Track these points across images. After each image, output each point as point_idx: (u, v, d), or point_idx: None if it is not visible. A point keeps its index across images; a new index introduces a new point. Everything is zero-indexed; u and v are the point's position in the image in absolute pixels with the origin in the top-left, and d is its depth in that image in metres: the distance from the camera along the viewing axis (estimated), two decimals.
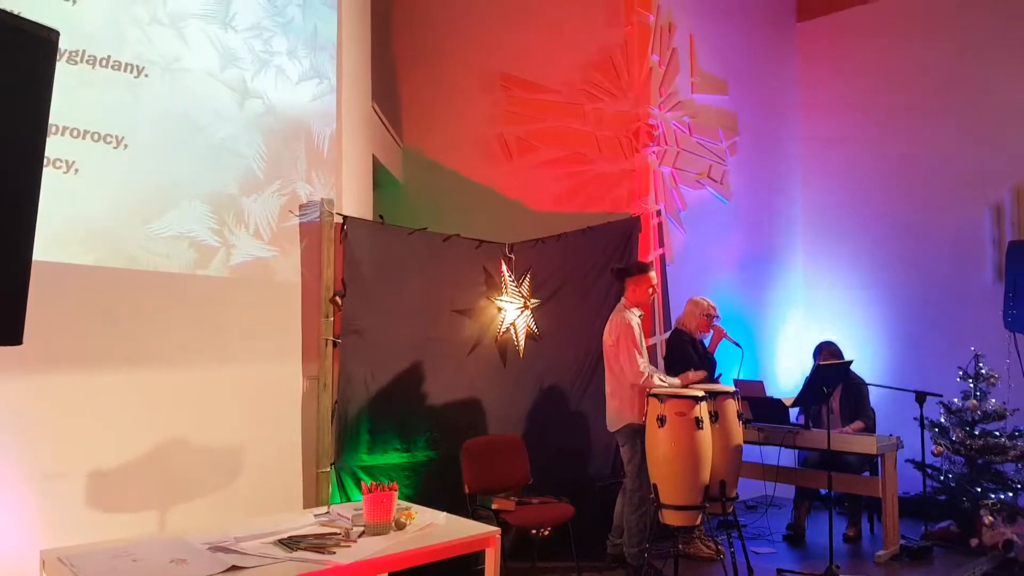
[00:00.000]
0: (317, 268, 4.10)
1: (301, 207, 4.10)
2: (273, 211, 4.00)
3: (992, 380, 5.34)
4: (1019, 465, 5.24)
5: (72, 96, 3.37)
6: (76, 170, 3.41)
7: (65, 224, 3.35)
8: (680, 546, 4.59)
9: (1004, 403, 5.31)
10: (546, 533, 4.67)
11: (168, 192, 3.68)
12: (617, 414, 4.45)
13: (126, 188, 3.54)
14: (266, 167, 4.00)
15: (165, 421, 3.57)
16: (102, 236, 3.45)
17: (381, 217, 4.57)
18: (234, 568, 2.29)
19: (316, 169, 4.20)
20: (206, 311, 3.75)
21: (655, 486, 4.14)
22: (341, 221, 4.15)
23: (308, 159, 4.18)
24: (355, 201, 4.51)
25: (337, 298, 4.13)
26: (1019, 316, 5.47)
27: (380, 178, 5.22)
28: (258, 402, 3.88)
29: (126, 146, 3.56)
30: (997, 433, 5.24)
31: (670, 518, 4.12)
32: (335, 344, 4.14)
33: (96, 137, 3.48)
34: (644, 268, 4.58)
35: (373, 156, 5.01)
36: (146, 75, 3.63)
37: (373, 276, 4.34)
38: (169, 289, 3.64)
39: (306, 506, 3.90)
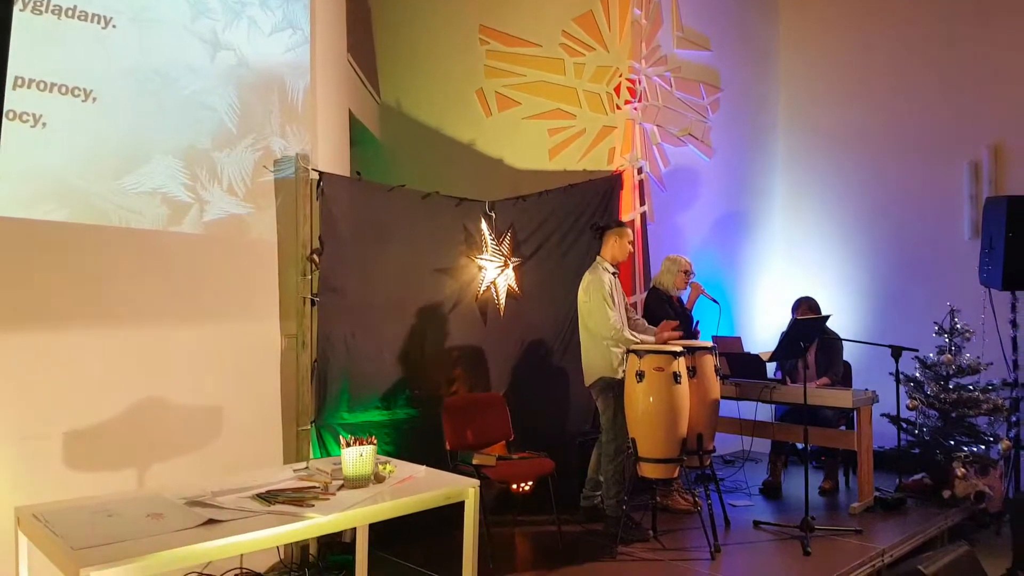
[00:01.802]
0: (293, 225, 4.04)
1: (276, 162, 4.03)
2: (247, 166, 3.93)
3: (967, 335, 5.40)
4: (991, 418, 5.34)
5: (38, 48, 3.28)
6: (44, 124, 3.33)
7: (34, 179, 3.28)
8: (658, 499, 4.68)
9: (978, 357, 5.38)
10: (527, 488, 4.72)
11: (139, 147, 3.60)
12: (590, 368, 4.49)
13: (96, 142, 3.46)
14: (239, 121, 3.92)
15: (140, 380, 3.54)
16: (72, 192, 3.38)
17: (358, 173, 4.51)
18: (211, 522, 2.29)
19: (290, 123, 4.12)
20: (180, 268, 3.70)
21: (633, 440, 4.19)
22: (317, 177, 4.09)
23: (282, 113, 4.10)
24: (332, 157, 4.43)
25: (314, 256, 4.09)
26: (994, 272, 5.51)
27: (357, 134, 5.14)
28: (235, 361, 3.85)
29: (95, 99, 3.48)
30: (971, 387, 5.32)
31: (648, 471, 4.18)
32: (313, 302, 4.10)
33: (64, 90, 3.39)
34: (621, 224, 4.63)
35: (350, 111, 4.92)
36: (114, 26, 3.52)
37: (351, 234, 4.29)
38: (142, 246, 3.58)
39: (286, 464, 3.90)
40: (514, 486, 4.70)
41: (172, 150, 3.69)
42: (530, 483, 4.66)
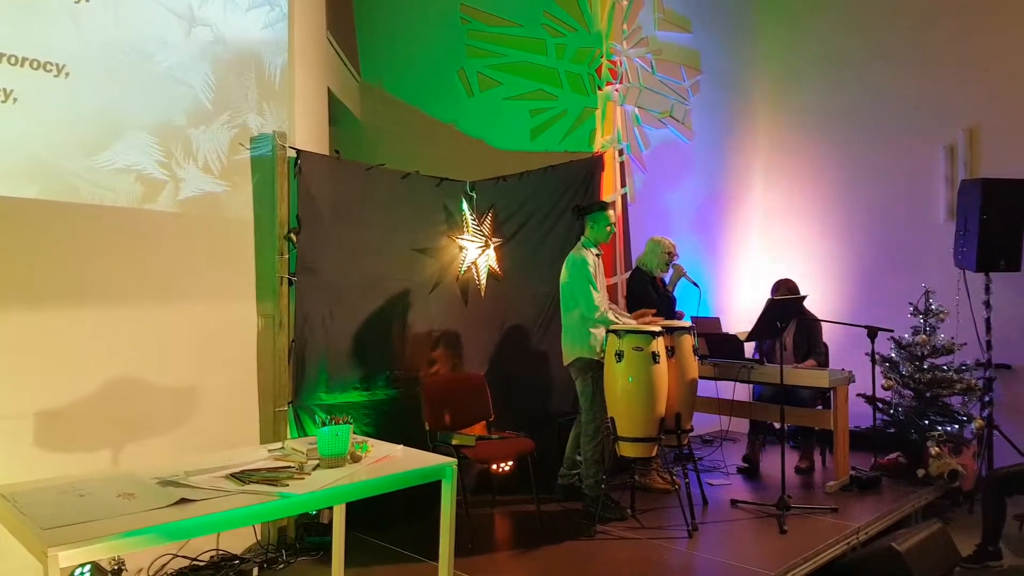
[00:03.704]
0: (270, 204, 3.99)
1: (252, 140, 3.97)
2: (223, 144, 3.87)
3: (942, 316, 5.47)
4: (965, 398, 5.42)
5: (9, 21, 3.20)
6: (15, 99, 3.25)
7: (4, 155, 3.21)
8: (637, 477, 4.71)
9: (953, 338, 5.45)
10: (507, 468, 4.73)
11: (113, 123, 3.53)
12: (569, 348, 4.50)
13: (68, 118, 3.39)
14: (215, 98, 3.86)
15: (114, 360, 3.49)
16: (44, 168, 3.32)
17: (337, 152, 4.46)
18: (183, 501, 2.26)
19: (268, 101, 4.06)
20: (155, 247, 3.65)
21: (612, 420, 4.21)
22: (294, 155, 4.04)
23: (259, 90, 4.04)
24: (310, 135, 4.38)
25: (292, 235, 4.05)
26: (969, 254, 5.58)
27: (337, 113, 5.07)
28: (211, 340, 3.81)
29: (68, 75, 3.40)
30: (945, 367, 5.39)
31: (627, 450, 4.21)
32: (290, 282, 4.07)
33: (36, 65, 3.31)
34: (603, 206, 4.63)
35: (328, 90, 4.86)
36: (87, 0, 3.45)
37: (330, 213, 4.25)
38: (116, 224, 3.52)
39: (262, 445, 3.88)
40: (494, 466, 4.71)
41: (146, 127, 3.63)
42: (510, 463, 4.67)
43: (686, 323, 4.79)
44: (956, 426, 5.32)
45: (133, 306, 3.57)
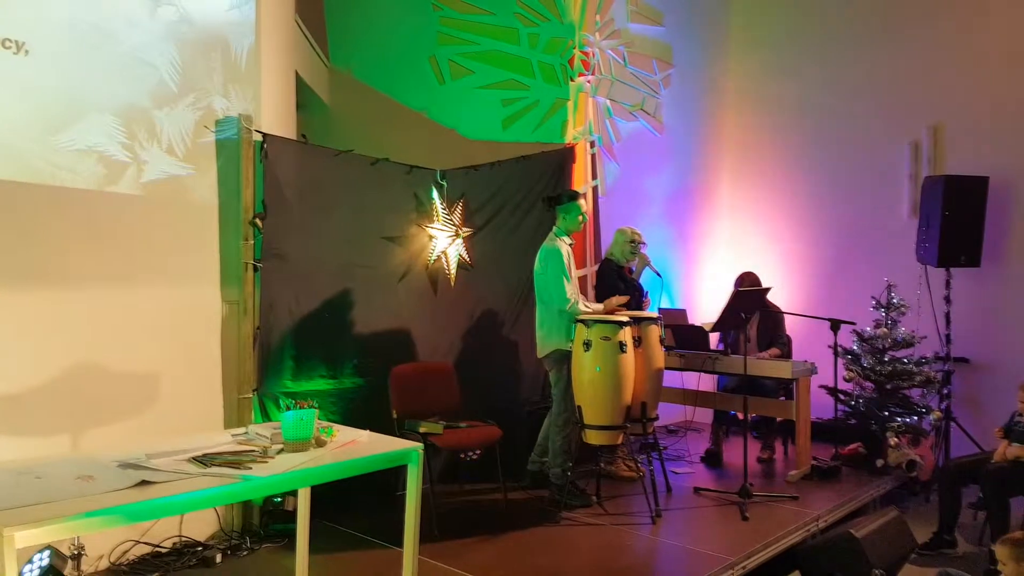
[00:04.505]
0: (235, 188, 3.94)
1: (217, 122, 3.92)
2: (187, 126, 3.81)
3: (903, 309, 5.57)
4: (924, 390, 5.54)
5: None
6: None
7: None
8: (602, 465, 4.75)
9: (913, 332, 5.56)
10: (475, 457, 4.74)
11: (74, 103, 3.46)
12: (545, 340, 4.51)
13: (28, 97, 3.32)
14: (180, 79, 3.80)
15: (74, 344, 3.43)
16: (2, 148, 3.24)
17: (304, 137, 4.42)
18: (144, 483, 2.24)
19: (233, 83, 4.00)
20: (117, 230, 3.59)
21: (579, 408, 4.23)
22: (260, 139, 3.99)
23: (225, 72, 3.98)
24: (276, 119, 4.33)
25: (257, 220, 4.00)
26: (930, 249, 5.70)
27: (305, 98, 5.02)
28: (174, 327, 3.75)
29: (27, 52, 3.32)
30: (905, 360, 5.50)
31: (593, 438, 4.24)
32: (256, 268, 4.02)
33: None
34: (574, 196, 4.63)
35: (296, 74, 4.80)
36: None
37: (296, 198, 4.22)
38: (77, 206, 3.45)
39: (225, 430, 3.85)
40: (461, 455, 4.71)
41: (109, 107, 3.56)
42: (477, 452, 4.67)
43: (653, 313, 4.83)
44: (915, 418, 5.44)
45: (94, 290, 3.51)
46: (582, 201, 4.60)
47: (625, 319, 4.26)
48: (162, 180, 3.74)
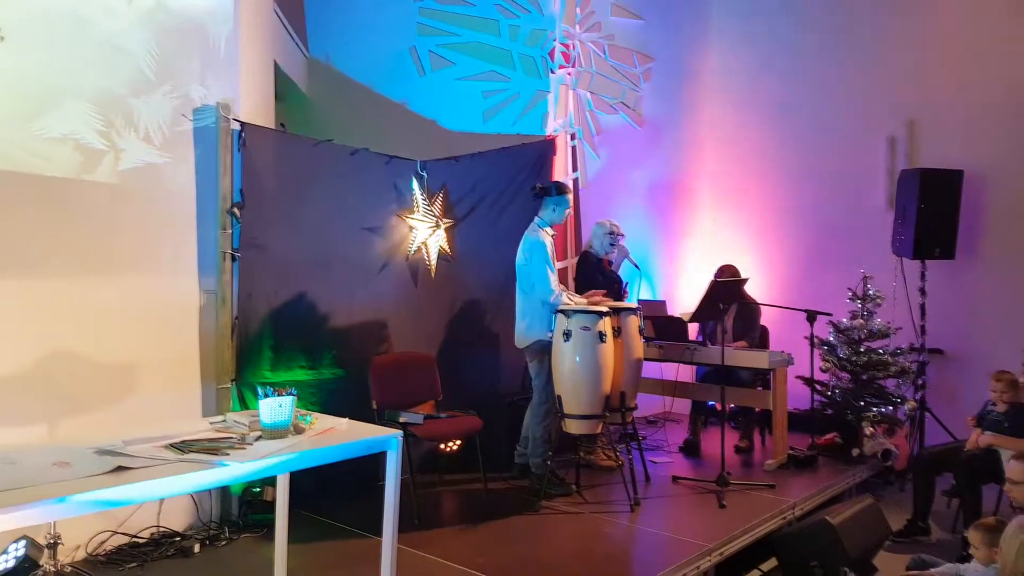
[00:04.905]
0: (213, 177, 3.92)
1: (195, 111, 3.89)
2: (165, 114, 3.78)
3: (878, 301, 5.64)
4: (900, 381, 5.61)
5: None
6: None
7: None
8: (582, 455, 4.78)
9: (889, 323, 5.63)
10: (454, 447, 4.75)
11: (51, 90, 3.42)
12: (526, 331, 4.54)
13: (3, 84, 3.28)
14: (157, 67, 3.76)
15: (50, 333, 3.40)
16: None
17: (283, 126, 4.40)
18: (120, 469, 2.23)
19: (211, 72, 3.97)
20: (94, 219, 3.56)
21: (559, 397, 4.26)
22: (239, 127, 3.97)
23: (202, 61, 3.95)
24: (255, 108, 4.30)
25: (235, 209, 3.98)
26: (906, 241, 5.77)
27: (284, 88, 4.99)
28: (151, 316, 3.73)
29: (3, 39, 3.28)
30: (881, 351, 5.57)
31: (573, 427, 4.27)
32: (234, 258, 4.00)
33: None
34: (563, 189, 4.67)
35: (276, 64, 4.78)
36: None
37: (275, 188, 4.20)
38: (53, 193, 3.42)
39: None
40: (441, 445, 4.72)
41: (85, 95, 3.53)
42: (458, 442, 4.69)
43: (632, 304, 4.87)
44: (890, 408, 5.50)
45: (71, 278, 3.48)
46: (570, 195, 4.65)
47: (605, 309, 4.29)
48: (139, 168, 3.71)
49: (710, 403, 5.65)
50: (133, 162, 3.68)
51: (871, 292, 5.64)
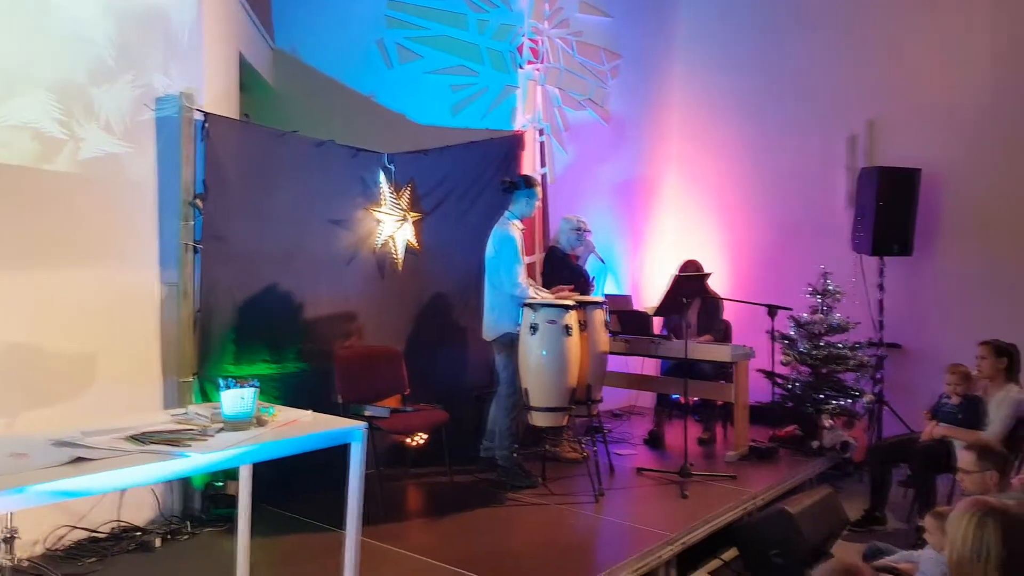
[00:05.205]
0: (175, 167, 3.86)
1: (157, 101, 3.83)
2: (126, 104, 3.72)
3: (838, 296, 5.75)
4: (858, 374, 5.73)
5: None
6: None
7: None
8: (548, 447, 4.81)
9: (848, 318, 5.74)
10: (421, 441, 4.75)
11: (8, 77, 3.35)
12: (495, 324, 4.55)
13: None
14: (118, 56, 3.70)
15: (8, 325, 3.32)
16: None
17: (247, 116, 4.36)
18: (79, 460, 2.20)
19: (174, 61, 3.91)
20: (53, 209, 3.49)
21: (525, 390, 4.28)
22: (202, 118, 3.92)
23: (165, 50, 3.89)
24: (218, 99, 4.25)
25: (198, 201, 3.93)
26: (865, 239, 5.90)
27: (248, 79, 4.94)
28: (111, 308, 3.67)
29: None
30: (840, 345, 5.68)
31: (539, 420, 4.30)
32: (196, 250, 3.95)
33: None
34: (532, 182, 4.71)
35: (240, 55, 4.73)
36: None
37: (238, 179, 4.15)
38: (10, 183, 3.35)
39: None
40: (408, 439, 4.72)
41: (45, 83, 3.46)
42: (424, 437, 4.69)
43: (598, 298, 4.91)
44: (849, 401, 5.62)
45: (28, 269, 3.41)
46: (539, 188, 4.68)
47: (571, 303, 4.32)
48: (99, 158, 3.65)
49: (674, 396, 5.72)
50: (93, 152, 3.62)
51: (830, 287, 5.75)
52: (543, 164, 6.11)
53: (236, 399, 2.65)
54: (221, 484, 3.93)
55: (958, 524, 1.87)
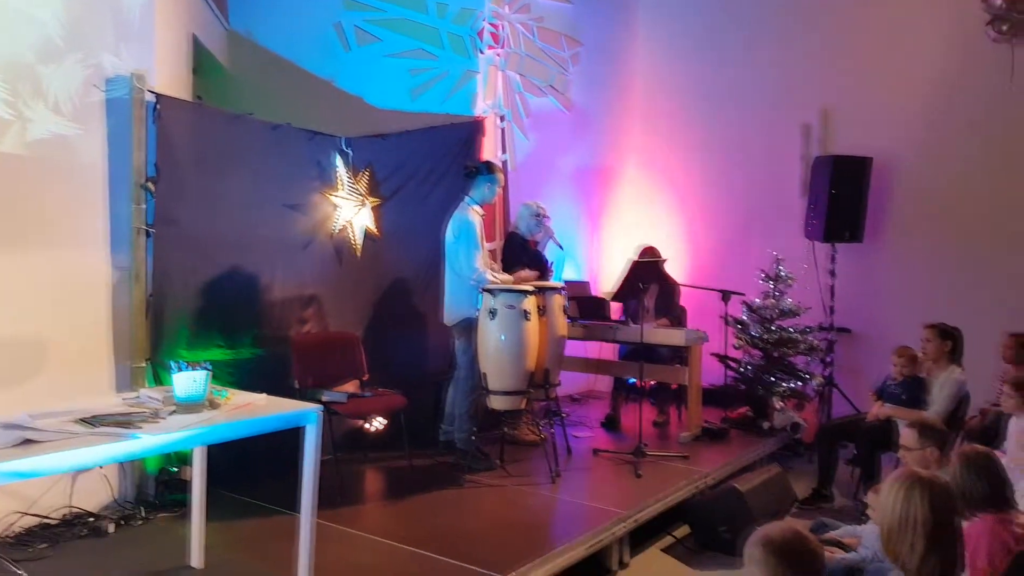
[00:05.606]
0: (126, 149, 3.80)
1: (107, 81, 3.76)
2: (75, 84, 3.64)
3: (789, 281, 5.88)
4: (808, 358, 5.88)
5: None
6: None
7: None
8: (506, 430, 4.87)
9: (799, 303, 5.88)
10: (380, 427, 4.77)
11: None
12: (454, 308, 4.58)
13: None
14: (67, 35, 3.62)
15: None
16: None
17: (199, 98, 4.30)
18: (28, 443, 2.19)
19: (125, 42, 3.84)
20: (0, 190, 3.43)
21: (484, 374, 4.32)
22: (153, 99, 3.86)
23: (116, 29, 3.81)
24: (171, 80, 4.18)
25: (149, 184, 3.87)
26: (817, 226, 6.04)
27: (202, 61, 4.86)
28: (60, 292, 3.60)
29: None
30: (791, 329, 5.82)
31: (497, 403, 4.35)
32: (148, 234, 3.90)
33: None
34: (495, 169, 4.73)
35: (194, 36, 4.65)
36: None
37: (191, 162, 4.09)
38: None
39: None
40: (366, 425, 4.73)
41: None
42: (383, 422, 4.71)
43: (557, 283, 4.96)
44: (800, 383, 5.77)
45: None
46: (500, 174, 4.70)
47: (530, 288, 4.37)
48: (48, 139, 3.58)
49: (631, 380, 5.81)
50: (41, 133, 3.55)
51: (782, 273, 5.87)
52: (504, 150, 6.12)
53: (188, 381, 2.65)
54: (175, 469, 3.91)
55: (888, 493, 1.96)
